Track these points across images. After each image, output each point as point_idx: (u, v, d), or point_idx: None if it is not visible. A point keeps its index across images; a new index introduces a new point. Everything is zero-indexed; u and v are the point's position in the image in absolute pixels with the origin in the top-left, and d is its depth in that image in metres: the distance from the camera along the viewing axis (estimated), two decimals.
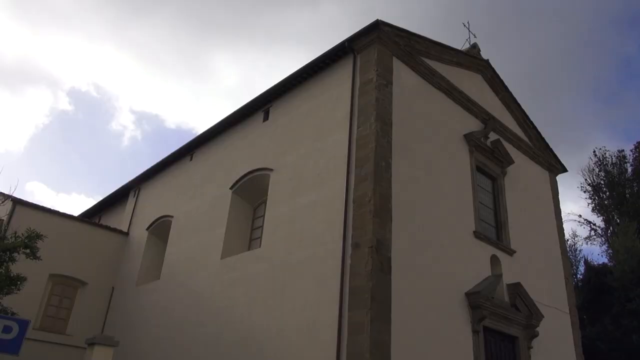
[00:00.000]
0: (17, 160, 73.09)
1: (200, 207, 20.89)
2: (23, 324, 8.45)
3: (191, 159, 23.17)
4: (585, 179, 39.90)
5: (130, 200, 26.73)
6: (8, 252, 13.09)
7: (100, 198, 29.47)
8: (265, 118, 19.48)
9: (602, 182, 39.29)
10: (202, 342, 16.92)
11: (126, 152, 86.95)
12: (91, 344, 8.89)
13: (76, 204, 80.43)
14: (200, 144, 22.70)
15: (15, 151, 75.31)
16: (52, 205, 73.14)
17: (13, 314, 11.03)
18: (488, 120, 19.17)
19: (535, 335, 16.68)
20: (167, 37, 79.65)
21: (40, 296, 21.66)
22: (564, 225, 22.11)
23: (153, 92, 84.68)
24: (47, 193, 78.63)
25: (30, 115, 76.15)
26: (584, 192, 39.74)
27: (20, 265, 13.82)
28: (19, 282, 12.95)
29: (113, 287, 24.03)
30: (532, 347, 16.57)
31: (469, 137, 17.99)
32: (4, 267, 13.07)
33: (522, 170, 20.54)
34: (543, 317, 17.14)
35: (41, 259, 13.85)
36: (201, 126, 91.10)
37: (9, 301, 13.22)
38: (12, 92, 76.36)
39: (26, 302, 18.36)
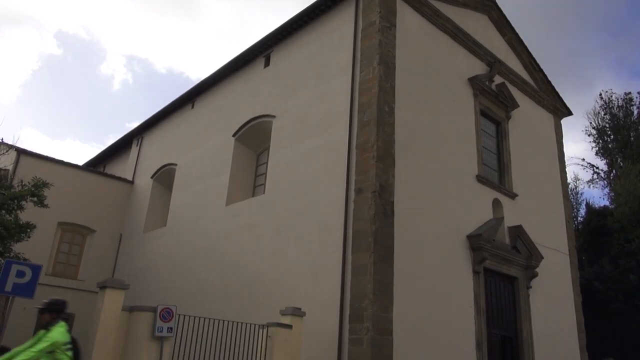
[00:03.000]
0: (12, 108, 72.61)
1: (203, 154, 20.96)
2: (35, 269, 8.71)
3: (193, 107, 23.01)
4: (590, 122, 39.60)
5: (134, 149, 26.80)
6: (16, 201, 13.29)
7: (96, 144, 30.03)
8: (267, 64, 19.16)
9: (607, 125, 38.98)
10: (208, 286, 17.44)
11: (118, 96, 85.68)
12: (102, 287, 9.18)
13: (73, 150, 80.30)
14: (202, 92, 22.48)
15: (8, 99, 74.68)
16: (49, 152, 73.30)
17: (25, 260, 11.33)
18: (493, 63, 18.80)
19: (535, 275, 17.12)
20: None
21: (50, 243, 22.19)
22: (567, 169, 22.18)
23: (142, 34, 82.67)
24: (42, 140, 78.58)
25: (20, 61, 74.88)
26: (588, 135, 39.54)
27: (29, 213, 14.06)
28: (28, 230, 13.22)
29: (121, 234, 24.54)
30: (531, 287, 17.04)
31: (473, 81, 17.72)
32: (13, 215, 13.31)
33: (527, 114, 20.36)
34: (543, 258, 17.52)
35: (49, 207, 14.08)
36: (192, 70, 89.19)
37: (20, 248, 13.56)
38: None
39: (37, 249, 18.81)
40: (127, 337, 9.08)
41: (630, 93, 38.55)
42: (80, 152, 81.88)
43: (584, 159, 49.95)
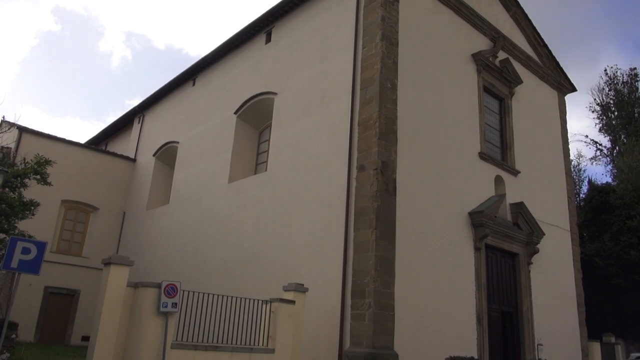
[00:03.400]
0: (11, 86, 72.20)
1: (205, 132, 20.91)
2: (40, 246, 8.79)
3: (194, 84, 22.87)
4: (595, 99, 39.27)
5: (135, 127, 26.75)
6: (19, 178, 13.32)
7: (96, 121, 29.79)
8: (268, 40, 18.96)
9: (611, 101, 38.65)
10: (212, 263, 17.61)
11: (117, 73, 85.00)
12: (107, 263, 9.27)
13: (73, 128, 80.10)
14: (203, 69, 22.31)
15: (8, 76, 74.23)
16: (50, 129, 73.18)
17: (30, 237, 11.43)
18: (497, 38, 18.56)
19: (536, 252, 17.22)
20: None
21: (54, 221, 22.35)
22: (570, 146, 22.10)
23: (140, 10, 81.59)
24: (42, 117, 78.33)
25: (17, 38, 74.15)
26: (592, 112, 39.24)
27: (33, 191, 14.13)
28: (32, 207, 13.28)
29: (124, 212, 24.68)
30: (532, 263, 17.16)
31: (477, 57, 17.52)
32: (17, 193, 13.36)
33: (531, 90, 20.19)
34: (544, 234, 17.59)
35: (52, 185, 14.12)
36: (191, 46, 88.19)
37: (25, 226, 13.66)
38: None
39: (41, 226, 18.95)
40: (132, 313, 9.21)
41: (635, 69, 38.15)
42: (81, 130, 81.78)
43: (587, 136, 49.80)
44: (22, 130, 22.11)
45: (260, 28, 19.21)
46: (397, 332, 12.16)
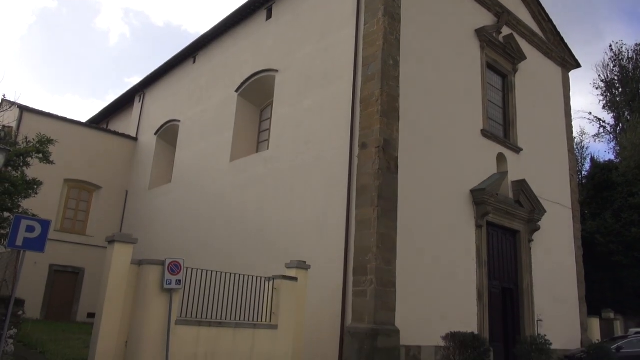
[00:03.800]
0: (10, 64, 71.70)
1: (206, 110, 20.83)
2: (45, 224, 8.85)
3: (194, 62, 22.69)
4: (599, 75, 38.92)
5: (136, 105, 26.65)
6: (22, 157, 13.32)
7: (96, 100, 29.51)
8: (269, 16, 18.72)
9: (615, 77, 38.30)
10: (214, 241, 17.73)
11: (116, 51, 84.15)
12: (111, 242, 9.33)
13: (73, 106, 79.72)
14: (203, 46, 22.10)
15: (6, 55, 73.67)
16: (49, 108, 72.84)
17: (34, 215, 11.48)
18: (502, 13, 18.29)
19: (537, 229, 17.28)
20: None
21: (57, 200, 22.46)
22: (573, 123, 21.98)
23: None
24: (41, 95, 77.95)
25: (15, 15, 73.37)
26: (596, 88, 38.94)
27: (36, 170, 14.14)
28: (35, 186, 13.30)
29: (127, 191, 24.77)
30: (532, 240, 17.24)
31: (480, 33, 17.30)
32: (19, 172, 13.38)
33: (534, 67, 19.98)
34: (545, 212, 17.63)
35: (54, 164, 14.12)
36: (190, 23, 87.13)
37: (28, 204, 13.70)
38: None
39: (45, 205, 19.04)
40: (137, 290, 9.31)
41: None
42: (81, 108, 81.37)
43: (590, 113, 49.42)
44: (23, 109, 22.06)
45: (261, 4, 18.96)
46: (398, 308, 12.31)
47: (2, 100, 19.32)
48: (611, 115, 38.16)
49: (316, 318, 12.60)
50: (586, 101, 69.17)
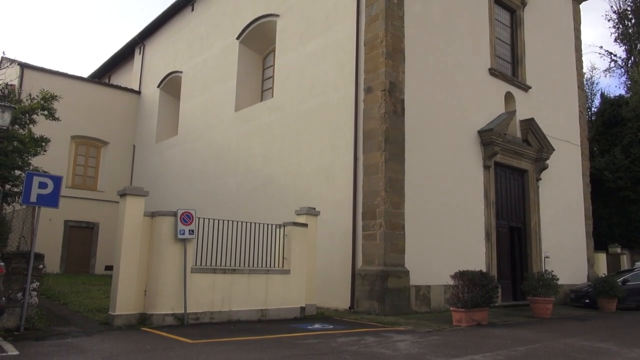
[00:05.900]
0: (3, 19, 69.92)
1: (208, 60, 20.50)
2: (57, 180, 8.95)
3: (192, 9, 22.11)
4: (611, 6, 37.50)
5: (137, 58, 26.23)
6: (27, 115, 13.30)
7: (92, 52, 28.78)
8: None
9: (628, 8, 36.86)
10: (223, 191, 17.91)
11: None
12: (123, 195, 9.46)
13: (70, 60, 78.25)
14: None
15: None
16: (47, 62, 71.52)
17: (45, 172, 11.58)
18: None
19: (545, 167, 17.25)
20: None
21: (66, 157, 22.61)
22: (583, 58, 21.41)
23: None
24: (36, 49, 76.43)
25: None
26: (608, 20, 37.53)
27: (42, 128, 14.15)
28: (43, 143, 13.34)
29: (134, 145, 24.84)
30: (540, 179, 17.26)
31: None
32: (26, 129, 13.40)
33: (544, 0, 19.27)
34: (554, 150, 17.54)
35: (60, 120, 14.10)
36: None
37: (38, 162, 13.81)
38: None
39: (54, 163, 19.15)
40: (152, 241, 9.53)
41: None
42: (79, 62, 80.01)
43: (601, 47, 48.17)
44: (24, 66, 21.81)
45: None
46: (407, 250, 12.55)
47: (2, 58, 19.06)
48: (623, 48, 37.01)
49: (328, 262, 12.90)
50: (597, 34, 66.99)
